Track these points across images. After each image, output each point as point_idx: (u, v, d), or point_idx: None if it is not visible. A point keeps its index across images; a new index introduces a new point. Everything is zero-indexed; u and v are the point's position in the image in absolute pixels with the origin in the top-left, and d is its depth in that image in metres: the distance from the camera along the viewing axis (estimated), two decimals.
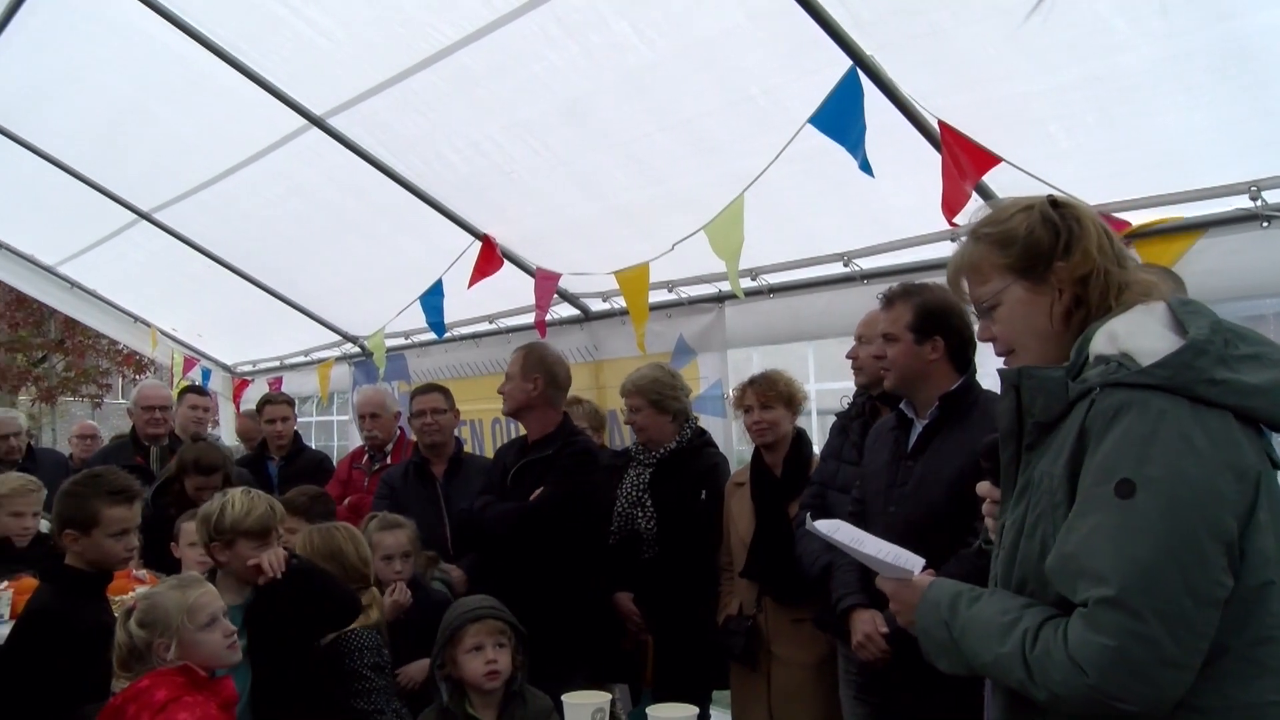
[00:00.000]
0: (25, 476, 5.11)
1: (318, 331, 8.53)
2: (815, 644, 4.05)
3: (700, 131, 4.58)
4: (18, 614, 3.90)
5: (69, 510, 3.46)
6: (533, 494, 4.45)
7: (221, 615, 3.01)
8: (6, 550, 4.89)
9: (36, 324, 24.50)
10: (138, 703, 2.83)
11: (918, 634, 2.00)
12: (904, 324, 3.37)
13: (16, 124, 6.87)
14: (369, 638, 3.67)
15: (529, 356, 4.72)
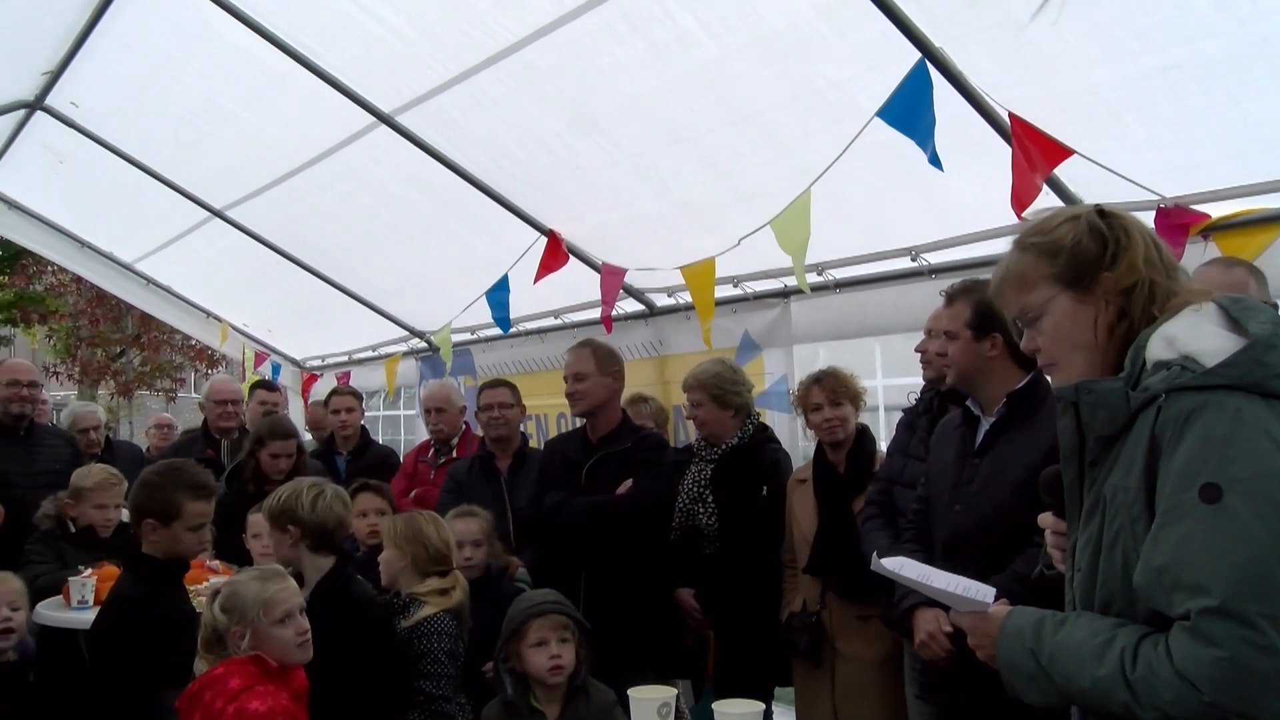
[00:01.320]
0: (107, 469, 5.24)
1: (385, 327, 8.62)
2: (881, 640, 4.02)
3: (767, 126, 4.55)
4: (102, 600, 4.01)
5: (152, 501, 3.53)
6: (619, 488, 4.48)
7: (298, 612, 3.05)
8: (91, 539, 5.03)
9: (115, 320, 25.13)
10: (213, 689, 2.90)
11: (1001, 667, 1.93)
12: (963, 321, 3.32)
13: (100, 127, 7.04)
14: (447, 623, 3.69)
15: (602, 353, 4.75)
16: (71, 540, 5.07)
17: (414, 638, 3.64)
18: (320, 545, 3.66)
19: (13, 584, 3.77)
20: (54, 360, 26.23)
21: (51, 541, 5.08)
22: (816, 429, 4.39)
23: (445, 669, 3.62)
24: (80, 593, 4.49)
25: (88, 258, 9.45)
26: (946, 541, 3.32)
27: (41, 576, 4.80)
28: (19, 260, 22.19)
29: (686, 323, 5.93)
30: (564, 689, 3.28)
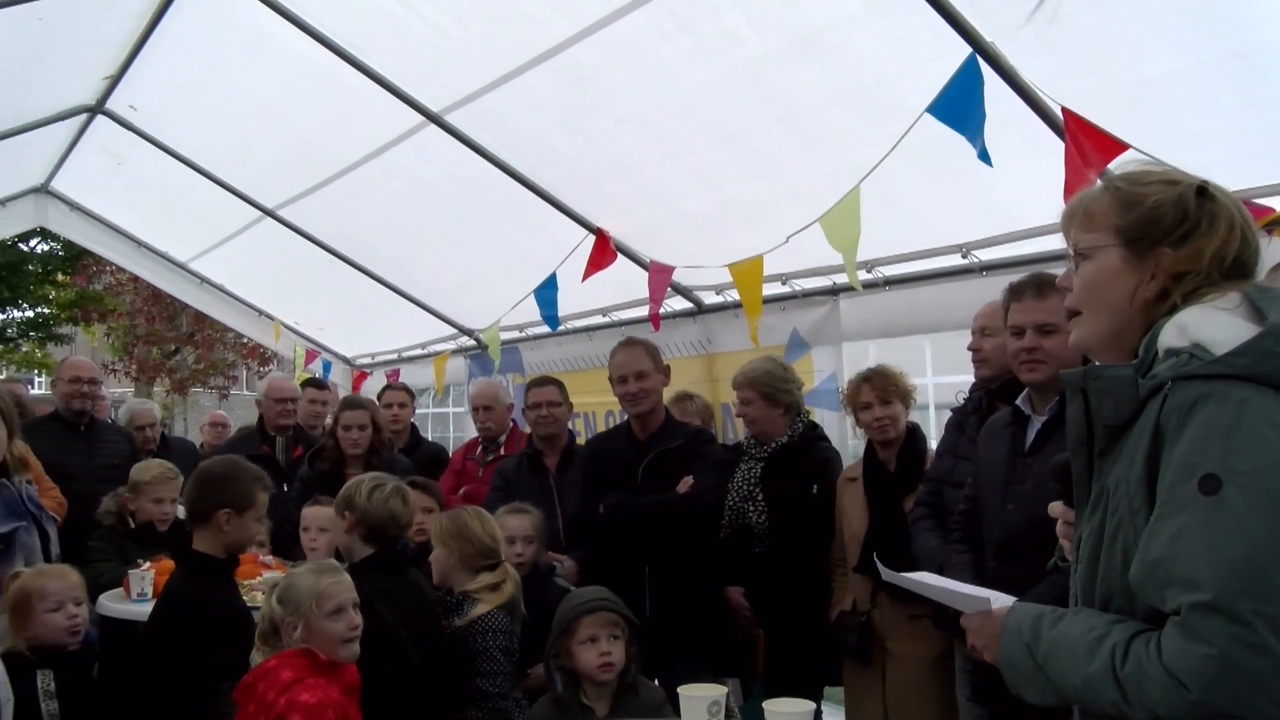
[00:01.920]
0: (165, 464, 5.34)
1: (434, 324, 8.68)
2: (932, 640, 3.96)
3: (815, 123, 4.53)
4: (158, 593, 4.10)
5: (229, 492, 3.60)
6: (679, 485, 4.50)
7: (351, 608, 3.09)
8: (150, 535, 5.13)
9: (170, 318, 25.55)
10: (266, 681, 2.95)
11: (1001, 666, 1.88)
12: (1064, 314, 3.23)
13: (156, 129, 7.16)
14: (500, 620, 3.70)
15: (653, 349, 4.77)
16: (132, 536, 5.18)
17: (469, 636, 3.65)
18: (371, 537, 3.71)
19: (74, 578, 3.86)
20: (112, 358, 26.73)
21: (113, 538, 5.19)
22: (866, 428, 4.37)
23: (501, 666, 3.64)
24: (140, 585, 4.59)
25: (144, 257, 9.63)
26: (1000, 541, 3.29)
27: (106, 573, 4.91)
28: (80, 260, 22.62)
29: (735, 320, 5.92)
30: (614, 686, 3.29)
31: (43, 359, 26.93)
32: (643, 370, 4.70)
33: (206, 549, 3.60)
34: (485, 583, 3.78)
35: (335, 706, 2.94)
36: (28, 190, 8.71)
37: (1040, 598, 1.99)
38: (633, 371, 4.70)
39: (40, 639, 3.63)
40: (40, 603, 3.68)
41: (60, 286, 25.01)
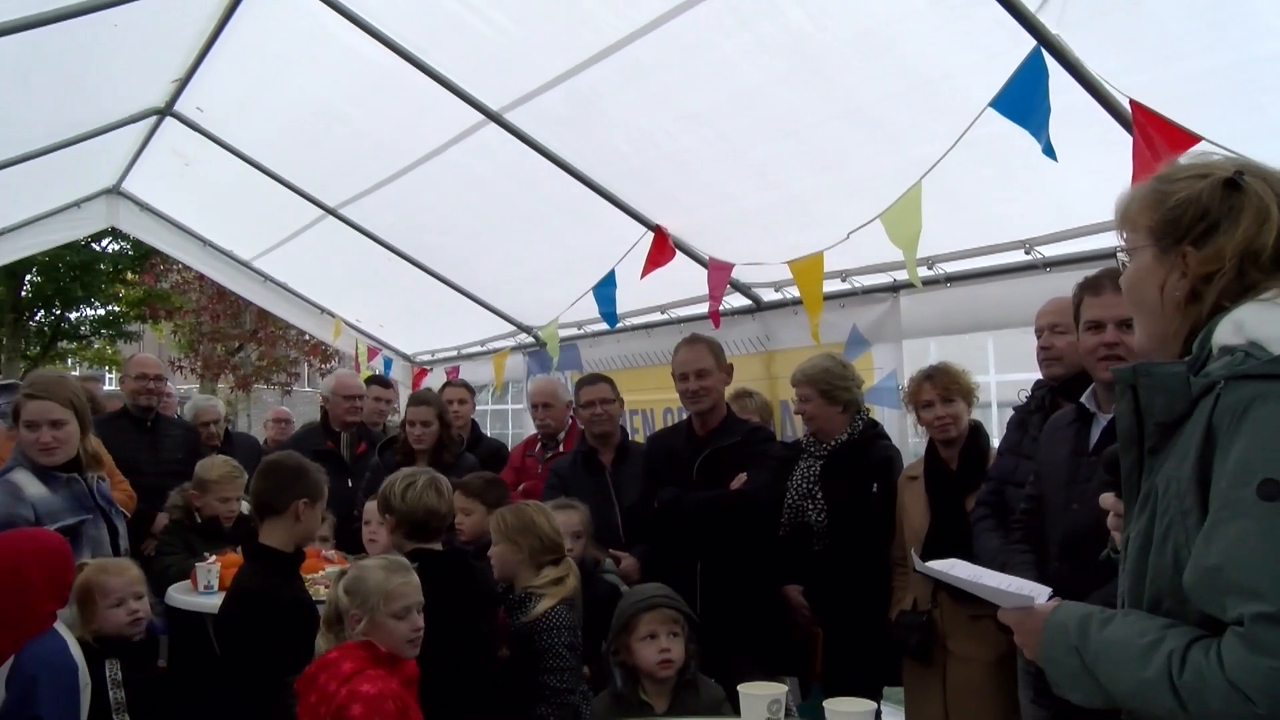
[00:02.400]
0: (229, 461, 5.44)
1: (493, 322, 8.73)
2: (995, 641, 3.89)
3: (876, 118, 4.49)
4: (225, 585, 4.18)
5: (303, 483, 3.71)
6: (732, 482, 4.49)
7: (416, 609, 3.12)
8: (215, 529, 5.23)
9: (234, 316, 26.02)
10: (327, 672, 3.00)
11: (1044, 664, 1.85)
12: None
13: (221, 130, 7.27)
14: (565, 616, 3.72)
15: (716, 347, 4.78)
16: (198, 530, 5.28)
17: (534, 633, 3.67)
18: (413, 534, 3.74)
19: (133, 573, 3.93)
20: (178, 355, 27.26)
21: (180, 532, 5.30)
22: (928, 426, 4.32)
23: (567, 662, 3.65)
24: (206, 578, 4.68)
25: (210, 256, 9.80)
26: (1064, 541, 3.24)
27: (173, 566, 5.02)
28: (148, 259, 23.10)
29: (794, 318, 5.89)
30: (673, 683, 3.29)
31: (113, 356, 27.55)
32: (704, 368, 4.70)
33: (274, 543, 3.67)
34: (549, 578, 3.79)
35: (395, 698, 2.97)
36: (100, 192, 8.91)
37: (1107, 599, 1.95)
38: (694, 369, 4.70)
39: (104, 632, 3.71)
40: (103, 599, 3.76)
41: (129, 285, 25.59)
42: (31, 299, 23.57)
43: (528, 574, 3.83)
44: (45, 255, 17.91)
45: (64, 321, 24.93)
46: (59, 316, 24.69)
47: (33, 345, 24.49)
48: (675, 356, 4.82)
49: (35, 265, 21.49)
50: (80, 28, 4.69)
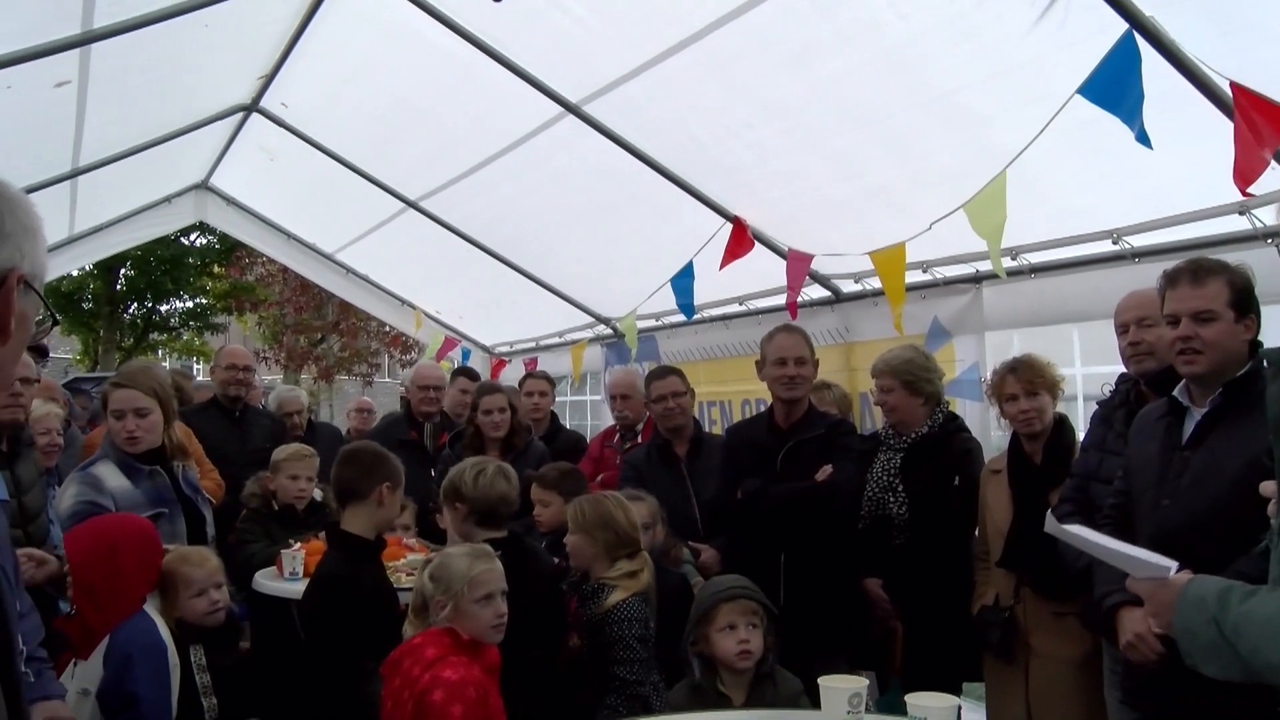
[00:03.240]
0: (301, 445, 5.54)
1: (571, 313, 8.79)
2: (1079, 639, 3.84)
3: (959, 106, 4.42)
4: (309, 572, 4.25)
5: (385, 468, 3.77)
6: (817, 474, 4.48)
7: (499, 595, 3.16)
8: (293, 516, 5.33)
9: (317, 308, 26.52)
10: (411, 657, 3.05)
11: (1177, 635, 1.83)
12: (1224, 300, 3.05)
13: (305, 125, 7.42)
14: (638, 608, 3.73)
15: (810, 341, 4.75)
16: (276, 517, 5.38)
17: (606, 624, 3.69)
18: (485, 521, 3.77)
19: (213, 563, 4.01)
20: (262, 346, 27.85)
21: (260, 520, 5.40)
22: (1012, 420, 4.24)
23: (638, 654, 3.66)
24: (291, 564, 4.77)
25: (293, 249, 10.00)
26: (1154, 538, 3.14)
27: (257, 555, 5.12)
28: (234, 253, 23.65)
29: (874, 309, 5.84)
30: (751, 675, 3.28)
31: (201, 347, 28.26)
32: (803, 356, 4.69)
33: (356, 530, 3.73)
34: (623, 570, 3.80)
35: (476, 684, 3.01)
36: (189, 187, 9.16)
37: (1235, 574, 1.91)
38: (794, 355, 4.68)
39: (186, 620, 3.81)
40: (185, 589, 3.84)
41: (216, 278, 26.22)
42: (125, 292, 24.30)
43: (602, 565, 3.85)
44: (138, 250, 18.43)
45: (155, 314, 25.62)
46: (150, 309, 25.39)
47: (127, 337, 25.23)
48: (773, 341, 4.77)
49: (129, 260, 22.13)
50: (174, 28, 4.81)
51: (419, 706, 2.96)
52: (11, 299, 1.39)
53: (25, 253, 1.42)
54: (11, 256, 1.40)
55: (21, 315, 1.44)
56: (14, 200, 1.43)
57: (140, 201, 8.95)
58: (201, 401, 6.71)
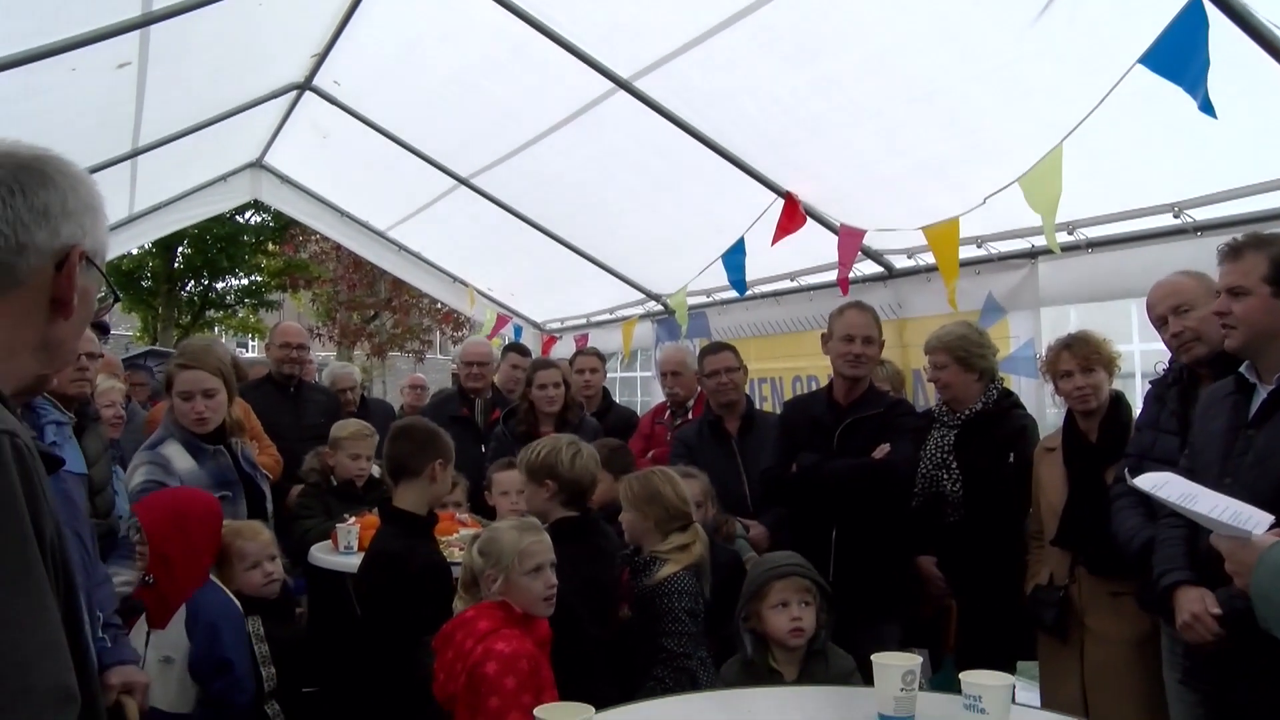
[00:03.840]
0: (361, 422, 5.62)
1: (622, 290, 8.79)
2: (1136, 619, 3.78)
3: (1014, 79, 4.34)
4: (364, 546, 4.31)
5: (437, 445, 3.84)
6: (875, 452, 4.47)
7: (549, 566, 3.19)
8: (351, 492, 5.41)
9: (370, 285, 26.78)
10: (464, 630, 3.08)
11: (1254, 598, 1.82)
12: (1259, 275, 3.02)
13: (357, 103, 7.48)
14: (688, 581, 3.75)
15: (879, 320, 4.72)
16: (334, 492, 5.46)
17: (655, 596, 3.71)
18: (571, 501, 3.80)
19: (265, 536, 4.08)
20: (316, 323, 28.19)
21: (318, 494, 5.49)
22: (1067, 396, 4.18)
23: (686, 627, 3.68)
24: (346, 539, 4.84)
25: (346, 226, 10.10)
26: None
27: (312, 530, 5.20)
28: (288, 230, 23.91)
29: (927, 284, 5.78)
30: (803, 652, 3.28)
31: (256, 324, 28.64)
32: (871, 335, 4.69)
33: (408, 506, 3.77)
34: (675, 544, 3.82)
35: (529, 657, 3.04)
36: (244, 166, 9.27)
37: None
38: (863, 334, 4.67)
39: (242, 592, 3.88)
40: (240, 562, 3.92)
41: (271, 255, 26.53)
42: (183, 270, 24.68)
43: (654, 540, 3.87)
44: (194, 228, 18.69)
45: (211, 291, 26.01)
46: (207, 287, 25.79)
47: (184, 314, 25.64)
48: (843, 317, 4.75)
49: (186, 238, 22.46)
50: (230, 8, 4.86)
51: (472, 679, 2.99)
52: (74, 275, 1.42)
53: (87, 230, 1.45)
54: (74, 233, 1.43)
55: (84, 291, 1.46)
56: (76, 178, 1.46)
57: (197, 180, 9.09)
58: (257, 378, 6.80)
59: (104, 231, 1.51)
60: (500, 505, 4.99)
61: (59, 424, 3.49)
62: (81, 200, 1.45)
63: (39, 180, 1.41)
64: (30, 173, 1.41)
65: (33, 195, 1.39)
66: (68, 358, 1.52)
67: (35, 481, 1.24)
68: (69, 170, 1.46)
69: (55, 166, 1.44)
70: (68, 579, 1.29)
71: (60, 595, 1.25)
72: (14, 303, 1.39)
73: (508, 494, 4.87)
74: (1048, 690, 4.26)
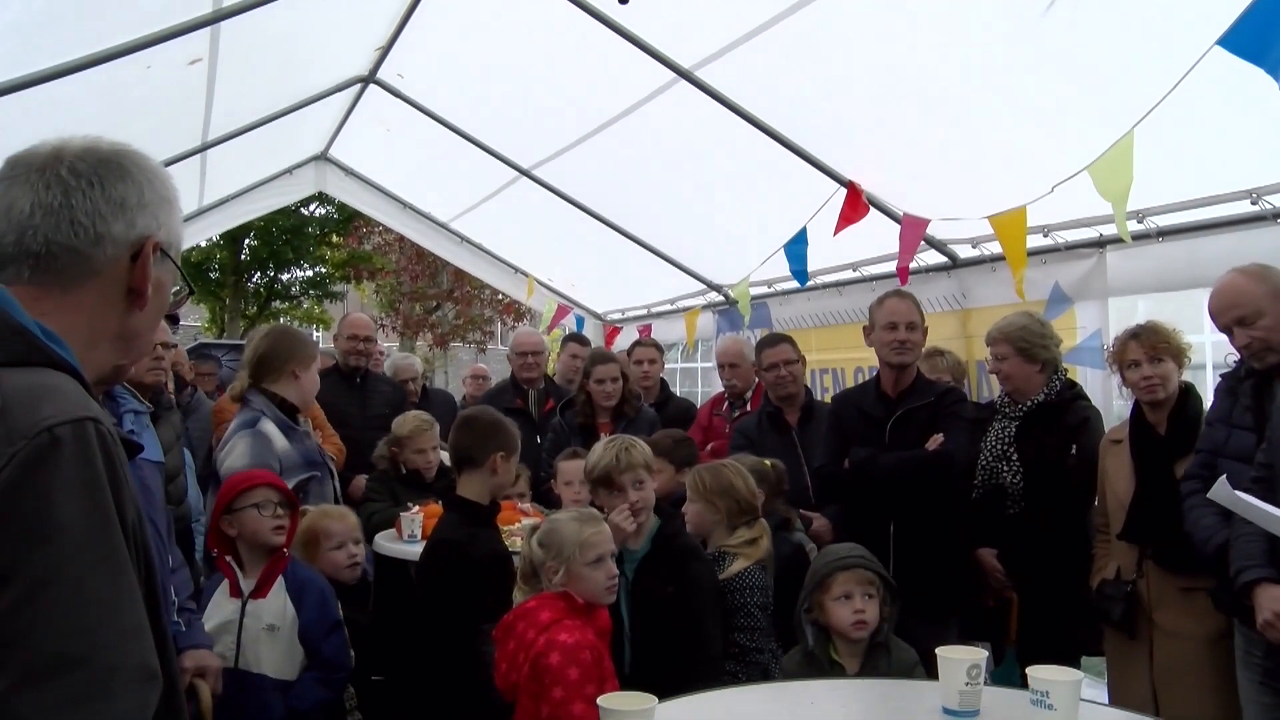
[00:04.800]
0: (420, 416, 5.66)
1: (684, 280, 8.77)
2: (1208, 616, 3.69)
3: (1084, 64, 4.27)
4: (427, 534, 4.36)
5: (500, 436, 3.85)
6: (928, 443, 4.43)
7: (609, 557, 3.20)
8: (419, 481, 5.48)
9: (432, 276, 27.02)
10: (525, 620, 3.10)
11: None
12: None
13: (420, 95, 7.53)
14: (758, 576, 3.76)
15: (920, 308, 4.67)
16: (403, 481, 5.53)
17: (728, 592, 3.71)
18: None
19: (352, 519, 4.16)
20: (379, 314, 28.52)
21: (386, 481, 5.56)
22: (1134, 387, 4.11)
23: (758, 622, 3.69)
24: (410, 527, 4.91)
25: (409, 218, 10.19)
26: None
27: (377, 514, 5.28)
28: (351, 222, 24.21)
29: (991, 274, 5.70)
30: (865, 644, 3.26)
31: (321, 315, 29.06)
32: (914, 321, 4.64)
33: (471, 495, 3.81)
34: (744, 538, 3.83)
35: (591, 648, 3.06)
36: (309, 159, 9.39)
37: None
38: (905, 321, 4.63)
39: (325, 574, 3.95)
40: (326, 541, 3.99)
41: (335, 247, 26.89)
42: (249, 262, 25.10)
43: (722, 534, 3.87)
44: (261, 220, 19.00)
45: (277, 283, 26.42)
46: (273, 278, 26.20)
47: (250, 305, 26.09)
48: (883, 306, 4.72)
49: (252, 230, 22.83)
50: (297, 3, 4.93)
51: (535, 669, 3.01)
52: (148, 266, 1.45)
53: (162, 222, 1.48)
54: (149, 225, 1.46)
55: (159, 283, 1.50)
56: (152, 171, 1.49)
57: (263, 173, 9.22)
58: (323, 368, 6.89)
59: (178, 224, 1.54)
60: (564, 495, 5.02)
61: (137, 413, 3.57)
62: (157, 193, 1.48)
63: (117, 174, 1.44)
64: (109, 166, 1.44)
65: (110, 188, 1.43)
66: (144, 348, 1.56)
67: (118, 467, 1.27)
68: (146, 164, 1.49)
69: (133, 160, 1.48)
70: (148, 563, 1.32)
71: (141, 579, 1.28)
72: (92, 293, 1.43)
73: (571, 484, 4.89)
74: (1116, 687, 4.19)
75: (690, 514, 3.96)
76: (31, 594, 1.14)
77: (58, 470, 1.19)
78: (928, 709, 2.63)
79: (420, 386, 7.68)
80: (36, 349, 1.29)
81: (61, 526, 1.17)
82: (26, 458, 1.18)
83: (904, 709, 2.69)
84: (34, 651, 1.13)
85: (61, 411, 1.22)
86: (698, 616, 3.56)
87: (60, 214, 1.40)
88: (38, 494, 1.17)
